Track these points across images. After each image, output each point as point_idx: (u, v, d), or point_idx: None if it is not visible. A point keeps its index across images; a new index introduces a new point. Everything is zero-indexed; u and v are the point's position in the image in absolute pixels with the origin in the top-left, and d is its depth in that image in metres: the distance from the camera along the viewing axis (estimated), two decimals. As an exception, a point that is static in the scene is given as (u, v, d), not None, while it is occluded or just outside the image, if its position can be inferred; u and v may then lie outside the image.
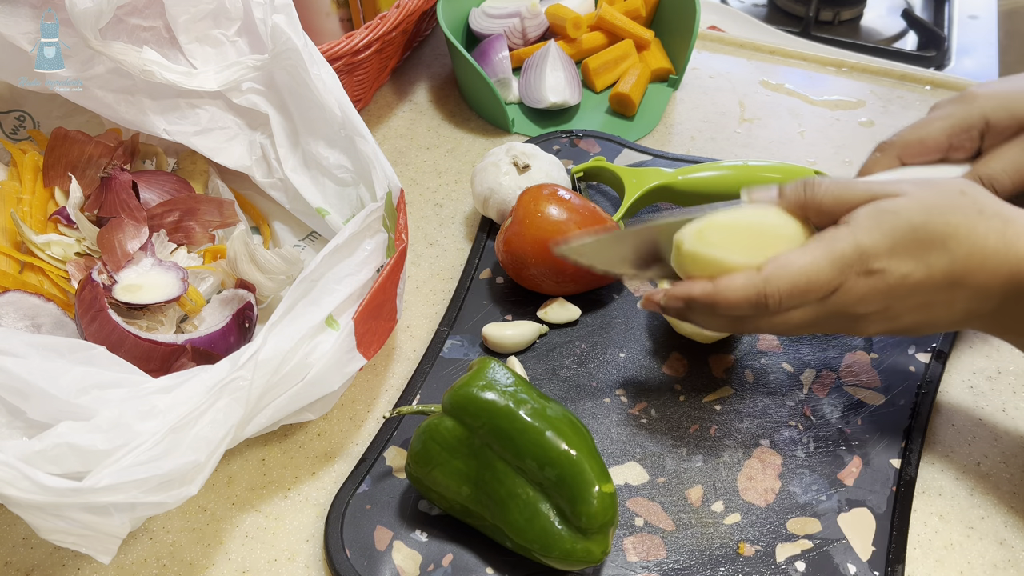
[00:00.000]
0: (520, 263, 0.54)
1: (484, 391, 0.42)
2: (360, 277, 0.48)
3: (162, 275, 0.51)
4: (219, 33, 0.56)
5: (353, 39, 0.63)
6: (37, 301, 0.50)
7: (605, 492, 0.40)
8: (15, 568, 0.45)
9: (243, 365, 0.41)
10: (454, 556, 0.44)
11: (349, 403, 0.53)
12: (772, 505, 0.46)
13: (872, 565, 0.44)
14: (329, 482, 0.49)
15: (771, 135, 0.72)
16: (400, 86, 0.79)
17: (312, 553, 0.46)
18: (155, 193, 0.57)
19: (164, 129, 0.57)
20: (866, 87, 0.77)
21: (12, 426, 0.40)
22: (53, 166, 0.57)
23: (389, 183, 0.51)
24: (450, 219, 0.65)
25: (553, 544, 0.41)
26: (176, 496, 0.38)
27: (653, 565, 0.44)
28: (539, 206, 0.54)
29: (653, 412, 0.51)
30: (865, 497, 0.46)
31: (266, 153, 0.58)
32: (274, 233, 0.61)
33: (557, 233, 0.53)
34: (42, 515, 0.36)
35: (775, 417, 0.50)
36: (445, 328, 0.55)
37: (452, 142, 0.72)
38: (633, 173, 0.62)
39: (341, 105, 0.53)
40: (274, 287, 0.54)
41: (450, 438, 0.42)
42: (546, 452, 0.40)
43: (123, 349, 0.45)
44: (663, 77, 0.77)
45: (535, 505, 0.41)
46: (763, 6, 1.01)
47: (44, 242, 0.53)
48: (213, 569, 0.45)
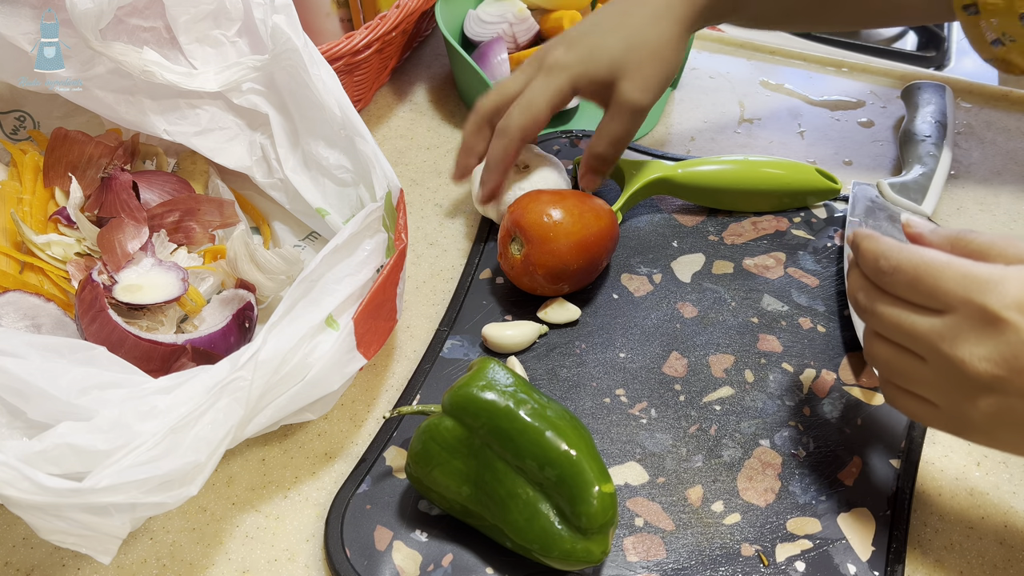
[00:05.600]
0: (534, 284, 0.55)
1: (484, 391, 0.42)
2: (360, 277, 0.48)
3: (162, 275, 0.51)
4: (219, 33, 0.56)
5: (353, 39, 0.63)
6: (37, 301, 0.50)
7: (605, 492, 0.40)
8: (15, 568, 0.45)
9: (243, 365, 0.41)
10: (454, 556, 0.44)
11: (349, 403, 0.53)
12: (772, 505, 0.46)
13: (872, 565, 0.44)
14: (329, 482, 0.49)
15: (771, 135, 0.72)
16: (400, 86, 0.79)
17: (312, 553, 0.46)
18: (155, 193, 0.57)
19: (164, 129, 0.57)
20: (866, 87, 0.77)
21: (12, 426, 0.40)
22: (53, 166, 0.57)
23: (389, 183, 0.51)
24: (450, 219, 0.65)
25: (553, 544, 0.41)
26: (176, 496, 0.38)
27: (653, 565, 0.44)
28: (550, 232, 0.53)
29: (653, 412, 0.51)
30: (865, 497, 0.46)
31: (266, 153, 0.58)
32: (274, 233, 0.61)
33: (572, 246, 0.53)
34: (42, 515, 0.36)
35: (775, 417, 0.50)
36: (445, 328, 0.55)
37: (452, 142, 0.72)
38: (633, 165, 0.62)
39: (341, 105, 0.53)
40: (274, 287, 0.54)
41: (450, 438, 0.42)
42: (546, 452, 0.40)
43: (123, 349, 0.45)
44: (663, 77, 0.77)
45: (535, 505, 0.41)
46: (763, 6, 1.00)
47: (44, 242, 0.53)
48: (213, 569, 0.45)
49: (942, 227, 0.41)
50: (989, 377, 0.35)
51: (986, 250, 0.38)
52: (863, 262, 0.41)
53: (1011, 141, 0.71)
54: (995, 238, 0.38)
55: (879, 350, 0.41)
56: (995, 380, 0.35)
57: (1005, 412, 0.36)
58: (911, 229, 0.42)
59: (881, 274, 0.39)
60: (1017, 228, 0.63)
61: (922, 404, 0.39)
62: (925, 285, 0.37)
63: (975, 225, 0.64)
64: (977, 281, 0.36)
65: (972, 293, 0.35)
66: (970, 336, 0.36)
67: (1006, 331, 0.35)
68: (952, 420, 0.38)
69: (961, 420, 0.38)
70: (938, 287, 0.37)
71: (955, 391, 0.37)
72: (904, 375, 0.39)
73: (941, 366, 0.37)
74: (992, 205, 0.65)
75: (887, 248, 0.39)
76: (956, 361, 0.36)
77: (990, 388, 0.36)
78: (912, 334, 0.38)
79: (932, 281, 0.37)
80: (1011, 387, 0.35)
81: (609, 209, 0.56)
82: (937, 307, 0.37)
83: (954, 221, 0.64)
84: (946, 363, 0.37)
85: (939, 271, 0.37)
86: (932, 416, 0.39)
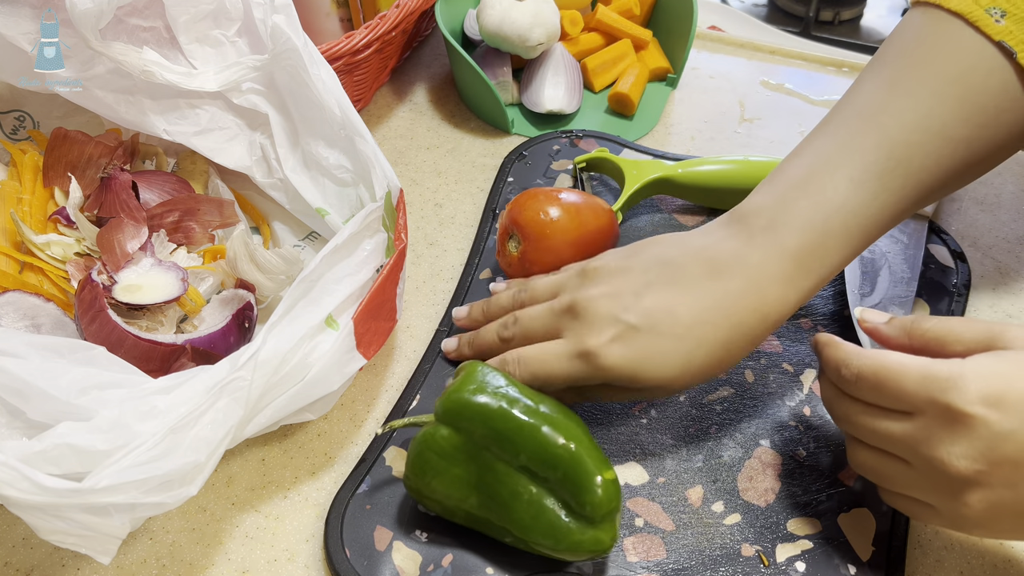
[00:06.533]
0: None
1: (476, 395, 0.42)
2: (360, 277, 0.48)
3: (162, 275, 0.51)
4: (219, 33, 0.56)
5: (353, 39, 0.63)
6: (37, 301, 0.50)
7: (608, 479, 0.41)
8: (15, 568, 0.45)
9: (243, 365, 0.41)
10: (454, 556, 0.44)
11: (349, 403, 0.53)
12: (772, 505, 0.46)
13: (872, 565, 0.44)
14: (329, 482, 0.49)
15: (771, 135, 0.72)
16: (400, 86, 0.79)
17: (312, 553, 0.46)
18: (155, 193, 0.57)
19: (164, 129, 0.57)
20: (866, 87, 0.77)
21: (12, 426, 0.39)
22: (53, 166, 0.57)
23: (389, 183, 0.51)
24: (450, 219, 0.65)
25: (562, 537, 0.41)
26: (176, 496, 0.38)
27: (653, 565, 0.44)
28: (547, 229, 0.53)
29: (653, 412, 0.51)
30: (865, 497, 0.46)
31: (266, 153, 0.58)
32: (274, 233, 0.61)
33: (569, 244, 0.53)
34: (42, 516, 0.36)
35: (775, 417, 0.50)
36: (445, 328, 0.55)
37: (452, 142, 0.72)
38: (634, 165, 0.62)
39: (341, 105, 0.53)
40: (274, 287, 0.54)
41: (447, 446, 0.42)
42: (545, 448, 0.41)
43: (123, 349, 0.45)
44: (661, 76, 0.77)
45: (539, 501, 0.41)
46: (763, 6, 1.01)
47: (44, 242, 0.53)
48: (213, 569, 0.45)
49: (896, 317, 0.41)
50: (972, 473, 0.35)
51: (943, 338, 0.38)
52: (828, 371, 0.41)
53: (1011, 141, 0.71)
54: (950, 324, 0.38)
55: (864, 458, 0.41)
56: (978, 475, 0.35)
57: (997, 504, 0.36)
58: (866, 324, 0.42)
59: (846, 383, 0.39)
60: (1017, 228, 0.63)
61: (918, 505, 0.39)
62: (889, 390, 0.37)
63: (975, 225, 0.64)
64: (937, 381, 0.36)
65: (935, 393, 0.36)
66: (943, 436, 0.36)
67: (976, 426, 0.35)
68: (951, 519, 0.38)
69: (959, 518, 0.37)
70: (902, 391, 0.37)
71: (944, 491, 0.37)
72: (893, 480, 0.39)
73: (924, 468, 0.37)
74: (992, 205, 0.65)
75: (846, 356, 0.39)
76: (937, 462, 0.36)
77: (976, 483, 0.36)
78: (889, 439, 0.38)
79: (895, 386, 0.37)
80: (995, 480, 0.35)
81: (608, 208, 0.56)
82: (906, 409, 0.37)
83: (954, 221, 0.64)
84: (928, 465, 0.37)
85: (899, 375, 0.37)
86: (931, 516, 0.39)
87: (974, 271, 0.60)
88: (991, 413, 0.34)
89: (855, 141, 0.43)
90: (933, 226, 0.61)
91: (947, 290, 0.57)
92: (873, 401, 0.39)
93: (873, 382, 0.38)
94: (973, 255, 0.61)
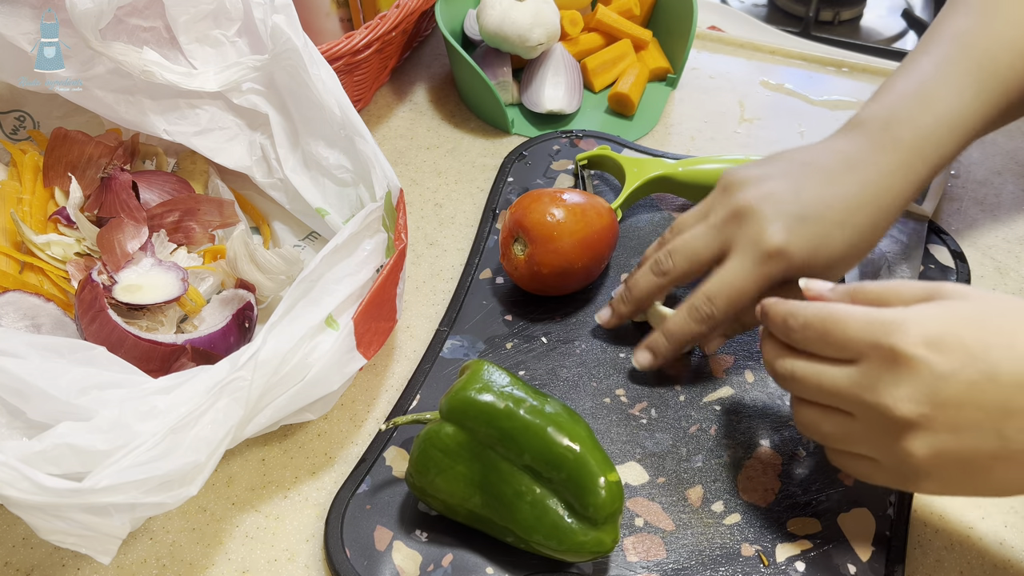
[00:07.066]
0: (539, 284, 0.55)
1: (482, 394, 0.42)
2: (360, 277, 0.48)
3: (162, 275, 0.51)
4: (219, 33, 0.56)
5: (353, 39, 0.63)
6: (37, 301, 0.50)
7: (611, 481, 0.41)
8: (15, 568, 0.45)
9: (243, 365, 0.41)
10: (454, 556, 0.44)
11: (349, 403, 0.53)
12: (772, 505, 0.46)
13: (872, 565, 0.44)
14: (329, 482, 0.49)
15: (771, 135, 0.72)
16: (400, 86, 0.79)
17: (312, 553, 0.46)
18: (155, 193, 0.57)
19: (164, 129, 0.57)
20: (866, 87, 0.77)
21: (12, 426, 0.40)
22: (53, 166, 0.57)
23: (389, 183, 0.51)
24: (450, 219, 0.65)
25: (564, 538, 0.41)
26: (176, 496, 0.38)
27: (653, 565, 0.44)
28: (554, 231, 0.53)
29: (653, 412, 0.51)
30: (865, 497, 0.46)
31: (266, 153, 0.58)
32: (274, 233, 0.61)
33: (575, 245, 0.53)
34: (42, 516, 0.36)
35: (775, 417, 0.50)
36: (445, 328, 0.55)
37: (452, 142, 0.72)
38: (635, 163, 0.63)
39: (341, 105, 0.53)
40: (274, 287, 0.54)
41: (451, 443, 0.42)
42: (549, 448, 0.41)
43: (123, 349, 0.45)
44: (661, 76, 0.77)
45: (543, 502, 0.41)
46: (763, 6, 1.01)
47: (44, 242, 0.53)
48: (213, 569, 0.45)
49: (840, 285, 0.42)
50: (916, 416, 0.36)
51: (883, 295, 0.39)
52: (773, 326, 0.42)
53: (1011, 141, 0.71)
54: (889, 283, 0.40)
55: (808, 416, 0.41)
56: (922, 418, 0.36)
57: (941, 452, 0.36)
58: (810, 293, 0.43)
59: (791, 332, 0.40)
60: (1017, 228, 0.64)
61: (864, 462, 0.40)
62: (834, 336, 0.38)
63: (976, 225, 0.64)
64: (882, 323, 0.37)
65: (879, 336, 0.36)
66: (887, 379, 0.36)
67: (919, 368, 0.35)
68: (897, 473, 0.38)
69: (905, 471, 0.38)
70: (847, 336, 0.38)
71: (889, 440, 0.37)
72: (838, 436, 0.40)
73: (869, 417, 0.37)
74: (992, 205, 0.65)
75: (794, 307, 0.40)
76: (881, 408, 0.36)
77: (919, 427, 0.36)
78: (834, 389, 0.38)
79: (840, 331, 0.38)
80: (938, 423, 0.35)
81: (609, 207, 0.56)
82: (850, 356, 0.38)
83: (954, 221, 0.64)
84: (872, 412, 0.37)
85: (844, 320, 0.38)
86: (878, 473, 0.39)
87: (974, 271, 0.60)
88: (933, 355, 0.35)
89: (954, 58, 0.50)
90: (933, 226, 0.62)
91: (947, 290, 0.57)
92: (818, 351, 0.39)
93: (820, 329, 0.39)
94: (973, 255, 0.61)
